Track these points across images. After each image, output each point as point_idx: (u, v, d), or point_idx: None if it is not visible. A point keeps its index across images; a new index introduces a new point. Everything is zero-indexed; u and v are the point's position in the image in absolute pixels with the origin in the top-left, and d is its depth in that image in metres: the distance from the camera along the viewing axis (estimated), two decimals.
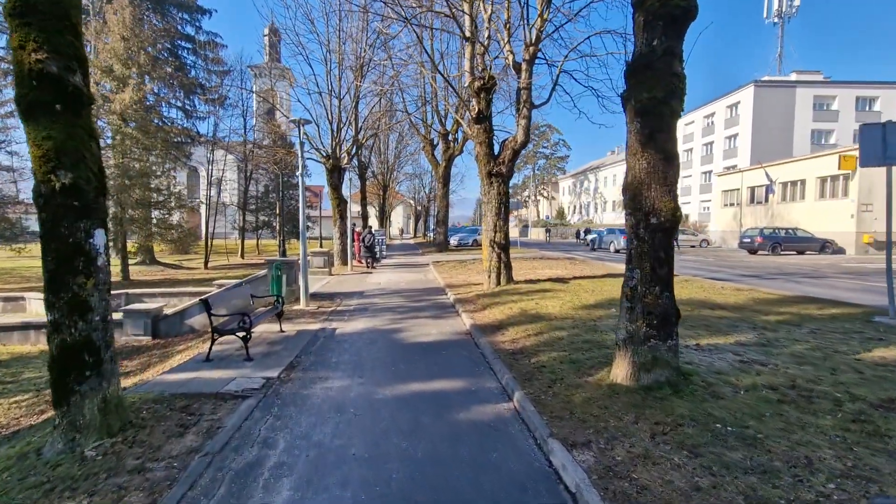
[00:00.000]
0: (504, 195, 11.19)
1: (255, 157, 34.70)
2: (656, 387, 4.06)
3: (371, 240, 18.31)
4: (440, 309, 9.39)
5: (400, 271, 17.31)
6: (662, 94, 4.14)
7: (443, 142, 25.89)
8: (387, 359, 5.88)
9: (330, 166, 18.11)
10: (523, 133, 10.73)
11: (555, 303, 8.60)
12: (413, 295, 11.39)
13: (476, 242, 33.47)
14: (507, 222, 11.31)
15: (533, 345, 5.94)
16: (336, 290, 12.50)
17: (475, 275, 14.37)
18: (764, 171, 31.01)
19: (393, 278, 14.99)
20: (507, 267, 11.33)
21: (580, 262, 18.34)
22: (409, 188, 63.68)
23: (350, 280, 14.77)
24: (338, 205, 18.65)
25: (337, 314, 9.05)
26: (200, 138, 31.19)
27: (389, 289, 12.52)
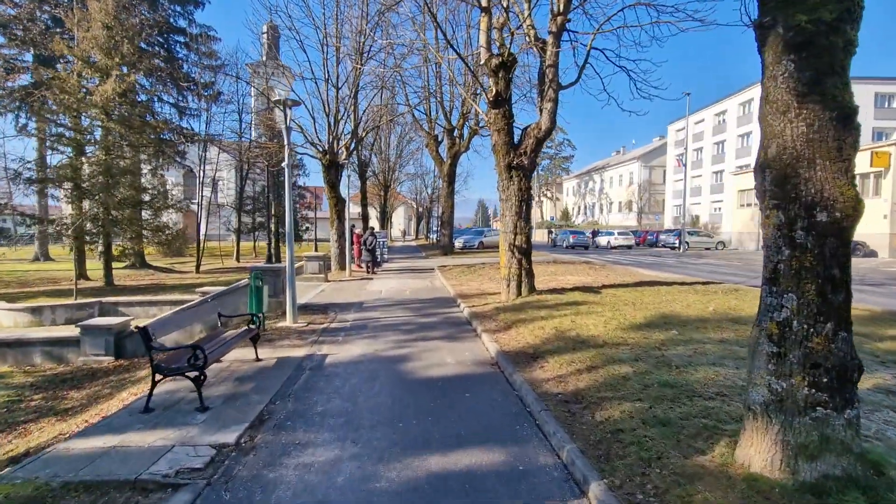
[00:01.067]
0: (526, 191, 9.65)
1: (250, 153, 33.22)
2: (827, 486, 2.50)
3: (373, 242, 16.78)
4: (454, 326, 7.83)
5: (403, 277, 15.77)
6: (832, 14, 2.59)
7: (448, 138, 24.37)
8: (392, 408, 4.32)
9: (326, 162, 16.59)
10: (548, 118, 9.19)
11: (595, 320, 7.04)
12: (420, 307, 9.84)
13: (482, 245, 31.93)
14: (528, 223, 9.77)
15: (589, 386, 4.38)
16: (331, 300, 10.95)
17: (488, 282, 12.81)
18: None
19: (396, 286, 13.44)
20: (529, 275, 9.78)
21: (601, 267, 16.77)
22: (410, 188, 62.22)
23: (348, 288, 13.22)
24: (335, 204, 17.12)
25: (330, 333, 7.49)
26: (196, 137, 29.67)
27: (392, 299, 10.97)
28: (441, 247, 26.11)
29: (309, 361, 5.91)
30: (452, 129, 24.06)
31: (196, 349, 4.23)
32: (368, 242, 16.77)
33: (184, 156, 31.27)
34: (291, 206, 8.18)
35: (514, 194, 9.54)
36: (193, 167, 55.20)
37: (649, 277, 13.14)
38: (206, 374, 4.28)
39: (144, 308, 14.65)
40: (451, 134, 24.27)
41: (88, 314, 14.30)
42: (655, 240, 40.29)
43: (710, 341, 5.69)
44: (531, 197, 9.92)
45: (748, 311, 7.57)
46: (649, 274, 14.40)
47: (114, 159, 21.67)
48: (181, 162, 30.93)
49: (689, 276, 13.81)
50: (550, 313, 7.76)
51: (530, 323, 7.19)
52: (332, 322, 8.41)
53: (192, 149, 32.06)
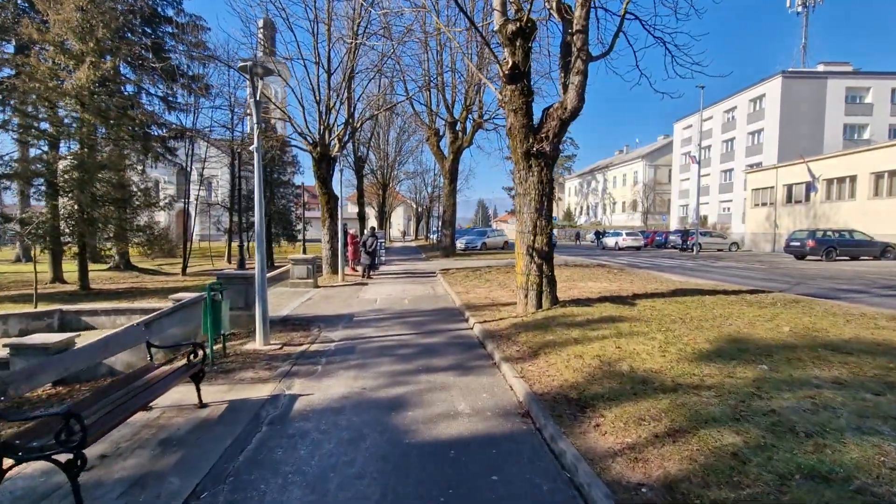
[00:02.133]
0: (547, 184, 8.09)
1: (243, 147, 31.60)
2: None
3: (373, 244, 15.20)
4: (463, 350, 6.26)
5: (401, 282, 14.20)
6: None
7: (450, 132, 22.81)
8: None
9: (317, 155, 15.02)
10: (576, 95, 7.63)
11: (647, 345, 5.47)
12: (421, 321, 8.26)
13: (485, 246, 30.36)
14: (550, 221, 8.21)
15: (688, 474, 2.81)
16: (317, 311, 9.37)
17: (498, 289, 11.25)
18: (806, 167, 27.90)
19: (393, 292, 11.86)
20: (552, 283, 8.21)
21: (619, 271, 15.21)
22: (409, 188, 60.63)
23: (339, 295, 11.65)
24: (327, 202, 15.54)
25: (307, 360, 5.92)
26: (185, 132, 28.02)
27: (388, 310, 9.40)
28: (442, 248, 24.55)
29: (271, 408, 4.33)
30: (455, 123, 22.50)
31: (70, 418, 2.65)
32: (368, 244, 15.20)
33: (174, 152, 29.74)
34: (261, 198, 6.60)
35: (534, 187, 7.98)
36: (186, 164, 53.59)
37: (679, 284, 11.58)
38: (84, 457, 2.70)
39: (111, 317, 13.08)
40: (454, 128, 22.70)
41: (47, 325, 12.68)
42: (664, 241, 38.81)
43: (823, 383, 4.13)
44: (553, 190, 8.36)
45: (835, 332, 6.01)
46: (677, 279, 12.85)
47: (89, 154, 20.13)
48: (171, 159, 29.41)
49: (722, 282, 12.26)
50: (585, 334, 6.19)
51: (563, 348, 5.62)
52: (314, 342, 6.83)
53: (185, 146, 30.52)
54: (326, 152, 15.15)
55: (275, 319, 8.52)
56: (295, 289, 12.90)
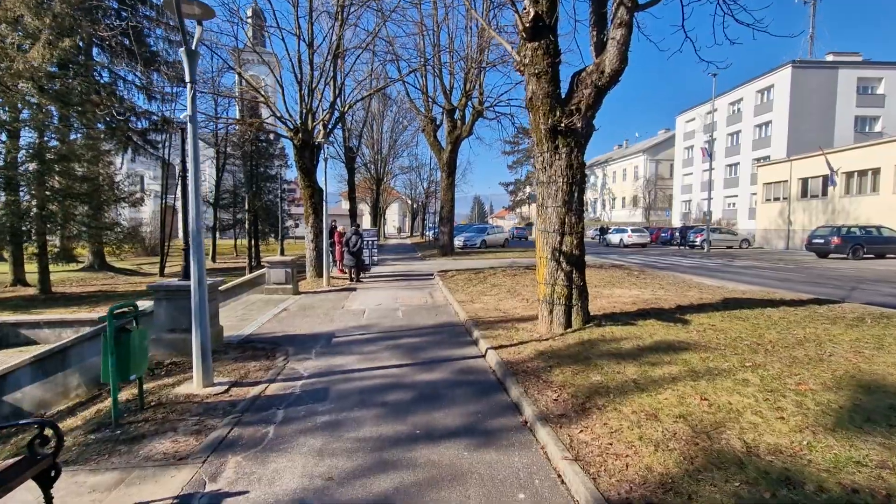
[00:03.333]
0: (578, 170, 6.36)
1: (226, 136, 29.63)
2: None
3: (357, 243, 13.39)
4: (478, 396, 4.52)
5: (395, 287, 12.45)
6: None
7: (448, 120, 21.01)
8: None
9: (299, 143, 13.20)
10: (618, 54, 5.89)
11: (743, 396, 3.78)
12: (417, 345, 6.52)
13: (485, 244, 28.63)
14: (581, 219, 6.49)
15: None
16: (290, 328, 7.61)
17: (508, 298, 9.53)
18: (824, 160, 26.35)
19: (384, 301, 10.12)
20: (583, 295, 6.49)
21: (640, 273, 13.53)
22: (404, 183, 58.79)
23: (321, 305, 9.88)
24: (310, 195, 13.74)
25: (257, 415, 4.17)
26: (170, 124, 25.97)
27: (377, 326, 7.65)
28: (439, 246, 22.80)
29: None
30: (453, 110, 20.69)
31: None
32: (352, 243, 13.40)
33: (155, 145, 27.73)
34: (196, 182, 4.80)
35: (561, 174, 6.25)
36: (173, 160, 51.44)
37: (724, 292, 9.93)
38: None
39: (56, 330, 11.28)
40: (452, 116, 20.90)
41: None
42: (670, 237, 37.24)
43: None
44: (585, 179, 6.63)
45: None
46: (710, 284, 11.20)
47: (48, 142, 18.19)
48: (153, 152, 27.44)
49: (765, 287, 10.63)
50: (644, 371, 4.49)
51: (621, 397, 3.91)
52: (275, 378, 5.09)
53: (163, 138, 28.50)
54: (309, 139, 13.34)
55: (233, 341, 6.76)
56: (270, 296, 11.12)
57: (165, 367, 5.79)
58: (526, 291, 10.24)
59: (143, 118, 26.39)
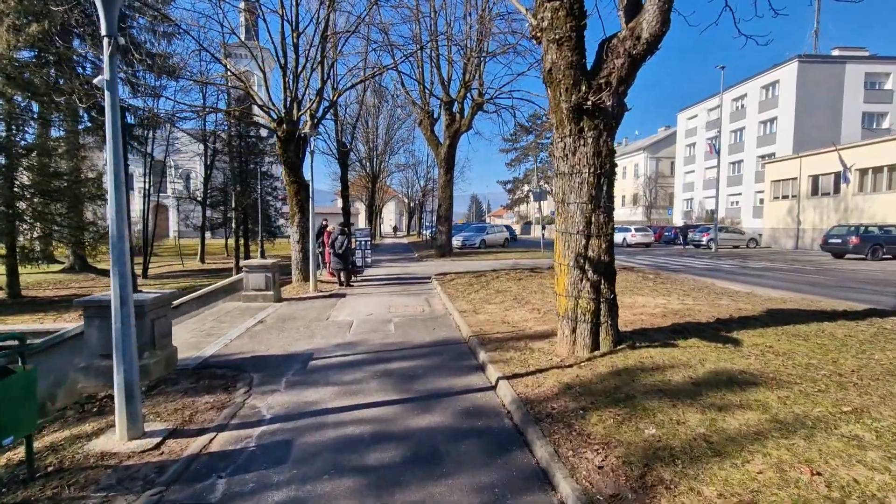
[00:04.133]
0: (608, 158, 5.23)
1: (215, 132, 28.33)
2: None
3: (343, 244, 12.21)
4: (495, 456, 3.37)
5: (389, 292, 11.30)
6: None
7: (446, 114, 19.86)
8: None
9: (283, 134, 12.02)
10: (659, 14, 4.75)
11: (876, 469, 2.67)
12: (412, 372, 5.37)
13: (485, 244, 27.50)
14: (611, 218, 5.36)
15: None
16: (260, 347, 6.44)
17: (516, 307, 8.39)
18: (837, 156, 25.35)
19: (376, 310, 8.97)
20: (612, 311, 5.34)
21: (656, 276, 12.43)
22: (401, 181, 57.60)
23: (303, 315, 8.72)
24: (296, 192, 12.56)
25: (189, 486, 3.01)
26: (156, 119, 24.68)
27: (364, 345, 6.50)
28: (437, 247, 21.65)
29: None
30: (451, 103, 19.54)
31: None
32: (338, 245, 12.21)
33: (142, 141, 26.46)
34: (117, 168, 3.60)
35: (587, 163, 5.12)
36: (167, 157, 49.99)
37: (753, 297, 8.84)
38: None
39: None
40: (450, 109, 19.75)
41: None
42: (674, 236, 36.15)
43: None
44: (615, 169, 5.48)
45: None
46: (739, 289, 10.12)
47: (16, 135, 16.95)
48: (139, 148, 26.17)
49: (801, 293, 9.56)
50: (711, 420, 3.37)
51: (691, 467, 2.79)
52: (227, 425, 3.93)
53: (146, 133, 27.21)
54: (294, 130, 12.16)
55: (189, 365, 5.60)
56: (248, 304, 9.95)
57: (98, 403, 4.64)
58: (535, 299, 9.12)
59: (128, 113, 25.10)
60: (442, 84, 19.38)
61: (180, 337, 7.06)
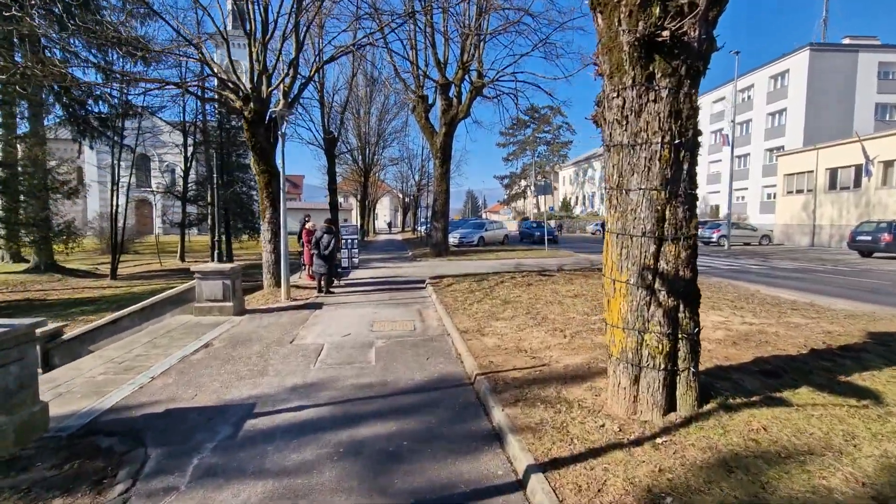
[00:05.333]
0: (690, 119, 3.45)
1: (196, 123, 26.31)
2: None
3: (329, 244, 10.40)
4: None
5: (374, 301, 9.50)
6: None
7: (442, 98, 18.01)
8: None
9: (250, 114, 10.15)
10: None
11: None
12: (394, 441, 3.58)
13: (484, 241, 25.71)
14: (695, 213, 3.57)
15: None
16: (187, 391, 4.64)
17: (532, 325, 6.61)
18: (860, 147, 23.75)
19: (356, 328, 7.18)
20: (695, 352, 3.56)
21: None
22: (396, 176, 55.59)
23: (263, 335, 6.91)
24: (267, 183, 10.71)
25: None
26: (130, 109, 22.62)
27: (332, 386, 4.71)
28: (432, 245, 19.84)
29: None
30: (448, 86, 17.69)
31: None
32: (323, 245, 10.42)
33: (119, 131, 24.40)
34: None
35: (660, 128, 3.34)
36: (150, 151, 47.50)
37: (830, 311, 7.13)
38: None
39: None
40: (446, 93, 17.90)
41: None
42: None
43: None
44: (699, 138, 3.66)
45: None
46: (797, 299, 8.41)
47: None
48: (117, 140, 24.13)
49: (874, 305, 7.88)
50: None
51: None
52: None
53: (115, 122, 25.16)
54: (264, 110, 10.29)
55: (67, 431, 3.78)
56: (201, 318, 8.13)
57: None
58: (553, 313, 7.36)
59: (100, 100, 23.04)
60: (437, 65, 17.52)
61: (86, 374, 5.24)
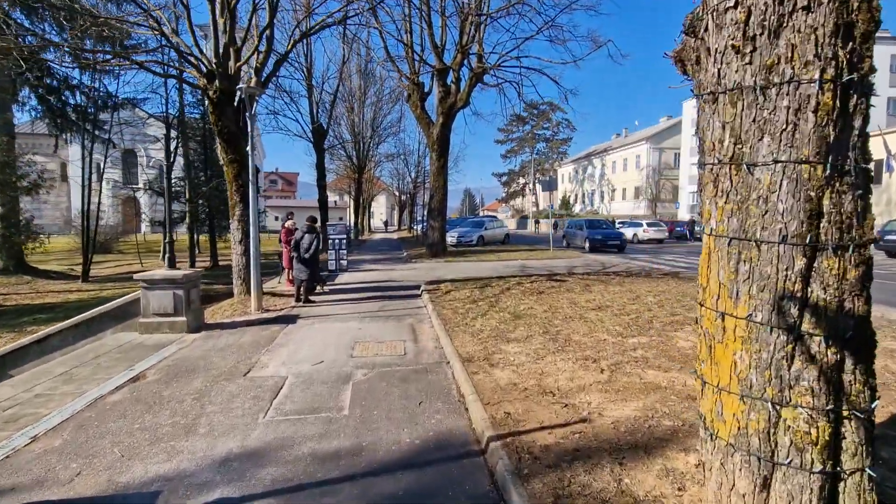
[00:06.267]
0: (866, 38, 2.04)
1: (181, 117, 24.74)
2: None
3: (311, 245, 8.94)
4: None
5: (359, 314, 8.05)
6: None
7: (439, 85, 16.55)
8: None
9: (215, 93, 8.68)
10: None
11: None
12: None
13: (483, 240, 24.27)
14: (868, 201, 2.16)
15: None
16: (66, 467, 3.19)
17: (555, 351, 5.17)
18: (882, 141, 22.47)
19: (331, 353, 5.74)
20: (869, 438, 2.17)
21: None
22: (391, 173, 54.00)
23: (212, 364, 5.46)
24: (236, 174, 9.24)
25: None
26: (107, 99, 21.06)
27: (283, 458, 3.28)
28: (428, 245, 18.40)
29: None
30: (446, 71, 16.23)
31: None
32: (304, 246, 8.96)
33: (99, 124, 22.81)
34: None
35: (818, 52, 1.92)
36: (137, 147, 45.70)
37: None
38: None
39: None
40: (444, 79, 16.45)
41: None
42: (684, 231, 33.01)
43: None
44: (873, 77, 2.25)
45: None
46: None
47: None
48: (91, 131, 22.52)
49: None
50: None
51: None
52: None
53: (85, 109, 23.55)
54: (231, 89, 8.81)
55: None
56: (147, 336, 6.67)
57: None
58: (577, 332, 5.94)
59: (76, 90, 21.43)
60: (434, 49, 16.04)
61: None
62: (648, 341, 5.46)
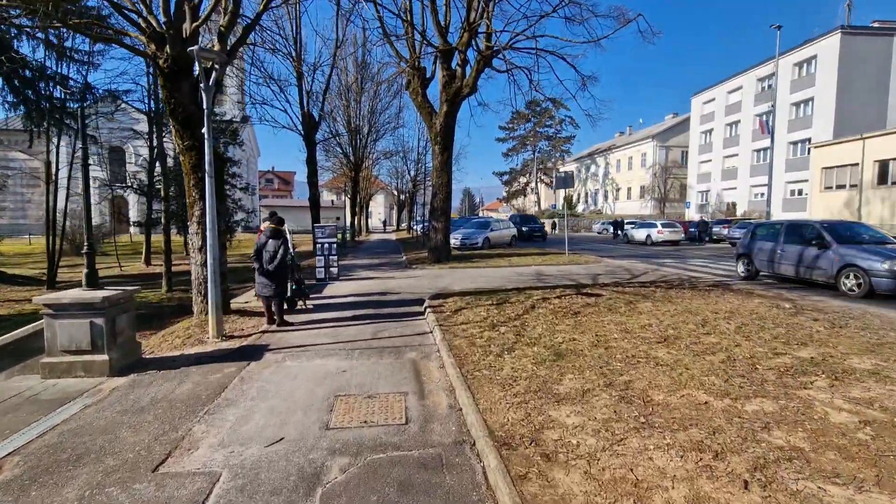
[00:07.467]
0: None
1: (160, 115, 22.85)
2: None
3: (277, 253, 7.07)
4: None
5: (346, 345, 6.20)
6: None
7: (443, 69, 14.69)
8: None
9: (166, 62, 6.82)
10: None
11: None
12: None
13: (489, 243, 22.38)
14: None
15: None
16: None
17: (635, 426, 3.28)
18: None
19: (301, 418, 3.89)
20: None
21: (819, 314, 7.49)
22: (389, 171, 52.13)
23: (124, 436, 3.61)
24: (195, 165, 7.38)
25: None
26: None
27: None
28: (430, 248, 16.53)
29: None
30: (451, 53, 14.37)
31: None
32: (267, 255, 7.09)
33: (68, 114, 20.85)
34: None
35: None
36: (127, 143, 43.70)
37: None
38: None
39: None
40: (448, 62, 14.59)
41: None
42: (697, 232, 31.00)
43: None
44: None
45: None
46: None
47: None
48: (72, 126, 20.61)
49: None
50: None
51: None
52: None
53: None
54: (186, 57, 6.94)
55: None
56: (53, 382, 4.81)
57: None
58: (658, 384, 4.11)
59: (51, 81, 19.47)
60: (437, 27, 14.18)
61: None
62: (777, 409, 3.62)
